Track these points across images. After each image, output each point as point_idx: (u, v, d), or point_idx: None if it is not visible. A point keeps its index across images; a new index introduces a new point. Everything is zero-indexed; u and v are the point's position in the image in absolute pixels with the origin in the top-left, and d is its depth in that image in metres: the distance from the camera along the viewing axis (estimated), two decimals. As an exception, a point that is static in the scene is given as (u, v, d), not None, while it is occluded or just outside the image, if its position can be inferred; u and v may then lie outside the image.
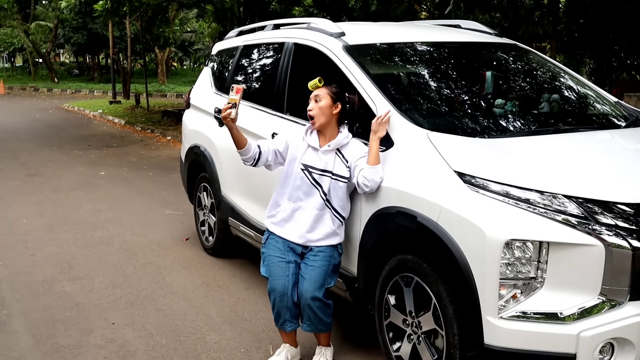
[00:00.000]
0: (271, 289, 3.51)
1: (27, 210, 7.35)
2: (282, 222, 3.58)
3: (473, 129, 3.55)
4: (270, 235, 3.63)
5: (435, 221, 2.96)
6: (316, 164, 3.49)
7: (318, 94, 3.52)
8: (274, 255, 3.55)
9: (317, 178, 3.48)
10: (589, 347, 2.65)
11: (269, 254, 3.57)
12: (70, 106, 21.96)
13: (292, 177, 3.53)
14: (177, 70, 42.75)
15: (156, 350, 3.90)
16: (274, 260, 3.54)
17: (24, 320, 4.34)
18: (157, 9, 18.88)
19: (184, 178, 6.16)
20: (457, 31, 4.83)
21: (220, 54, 5.87)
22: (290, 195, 3.55)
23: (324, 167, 3.48)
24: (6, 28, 35.70)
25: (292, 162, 3.54)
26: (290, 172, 3.55)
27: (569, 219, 2.71)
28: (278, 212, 3.60)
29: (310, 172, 3.49)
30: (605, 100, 4.24)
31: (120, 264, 5.47)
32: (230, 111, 3.35)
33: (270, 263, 3.55)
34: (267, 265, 3.57)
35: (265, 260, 3.60)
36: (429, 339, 3.17)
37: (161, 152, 12.09)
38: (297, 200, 3.53)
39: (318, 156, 3.50)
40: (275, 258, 3.54)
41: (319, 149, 3.50)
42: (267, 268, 3.57)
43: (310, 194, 3.50)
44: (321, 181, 3.48)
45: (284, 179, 3.59)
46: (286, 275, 3.49)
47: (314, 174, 3.48)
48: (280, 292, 3.48)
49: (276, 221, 3.60)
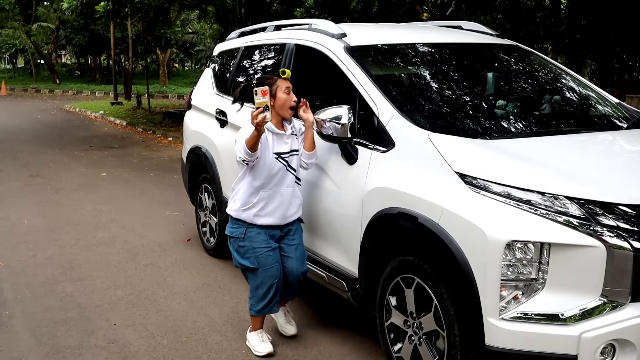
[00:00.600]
0: (268, 277, 3.73)
1: (28, 211, 7.35)
2: (262, 210, 3.72)
3: (474, 130, 3.56)
4: (248, 227, 3.75)
5: (436, 222, 2.96)
6: (284, 149, 3.72)
7: (289, 86, 3.72)
8: (260, 247, 3.73)
9: (288, 160, 3.73)
10: (590, 348, 2.64)
11: (254, 246, 3.73)
12: (71, 107, 21.98)
13: (267, 167, 3.67)
14: (179, 72, 42.75)
15: (157, 351, 3.90)
16: (262, 252, 3.73)
17: (26, 320, 4.34)
18: (159, 10, 18.87)
19: (185, 179, 6.17)
20: (459, 32, 4.84)
21: (222, 55, 5.87)
22: (264, 185, 3.70)
23: (290, 148, 3.74)
24: (8, 29, 35.70)
25: (264, 153, 3.66)
26: (264, 163, 3.66)
27: (571, 220, 2.71)
28: (256, 203, 3.72)
29: (282, 158, 3.71)
30: (607, 102, 4.24)
31: (122, 264, 5.48)
32: (265, 114, 3.35)
33: (259, 255, 3.73)
34: (256, 257, 3.73)
35: (247, 253, 3.75)
36: (430, 340, 3.17)
37: (162, 153, 12.10)
38: (273, 186, 3.71)
39: (283, 141, 3.73)
40: (263, 249, 3.73)
41: (284, 134, 3.73)
42: (256, 260, 3.73)
43: (284, 176, 3.72)
44: (291, 162, 3.74)
45: (256, 171, 3.67)
46: (277, 262, 3.75)
47: (285, 158, 3.72)
48: (277, 277, 3.75)
49: (256, 212, 3.72)
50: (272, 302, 3.79)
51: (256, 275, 3.76)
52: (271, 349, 3.82)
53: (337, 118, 3.52)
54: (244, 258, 3.77)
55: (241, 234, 3.76)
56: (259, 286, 3.77)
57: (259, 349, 3.83)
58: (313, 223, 4.04)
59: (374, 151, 3.49)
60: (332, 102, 4.10)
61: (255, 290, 3.80)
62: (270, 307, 3.82)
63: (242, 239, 3.76)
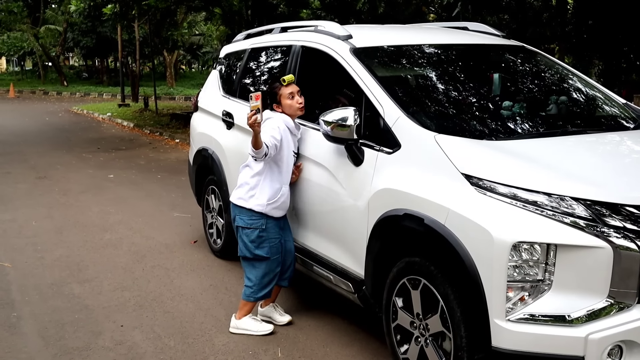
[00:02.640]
0: (277, 265, 4.09)
1: (36, 212, 7.39)
2: (282, 204, 4.07)
3: (480, 131, 3.55)
4: (267, 219, 4.03)
5: (442, 223, 2.96)
6: (295, 147, 4.09)
7: (292, 91, 4.03)
8: (274, 237, 4.07)
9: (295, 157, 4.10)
10: (597, 349, 2.64)
11: (270, 236, 4.05)
12: (79, 109, 22.05)
13: (287, 163, 4.01)
14: (186, 73, 42.87)
15: (164, 352, 3.91)
16: (275, 242, 4.07)
17: (34, 322, 4.36)
18: (166, 12, 18.92)
19: (192, 181, 6.18)
20: (464, 33, 4.84)
21: (228, 57, 5.88)
22: (285, 180, 4.04)
23: (296, 147, 4.11)
24: (16, 32, 35.88)
25: (286, 151, 3.98)
26: (285, 160, 3.99)
27: (577, 221, 2.71)
28: (279, 197, 4.02)
29: (295, 155, 4.09)
30: (614, 102, 4.23)
31: (129, 266, 5.50)
32: (256, 117, 3.62)
33: (273, 245, 4.06)
34: (270, 247, 4.04)
35: (264, 243, 4.04)
36: (436, 342, 3.17)
37: (169, 154, 12.13)
38: (287, 181, 4.07)
39: (295, 140, 4.10)
40: (276, 239, 4.07)
41: (296, 134, 4.10)
42: (270, 249, 4.04)
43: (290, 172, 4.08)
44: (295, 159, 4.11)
45: (281, 166, 3.99)
46: (282, 250, 4.12)
47: (295, 155, 4.09)
48: (280, 263, 4.11)
49: (277, 205, 4.04)
50: (272, 286, 4.14)
51: (266, 264, 4.05)
52: (272, 327, 4.14)
53: (343, 120, 3.52)
54: (259, 248, 4.03)
55: (263, 224, 4.03)
56: (266, 274, 4.06)
57: (262, 328, 4.11)
58: (319, 224, 4.05)
59: (380, 152, 3.50)
60: (338, 104, 4.12)
61: (262, 278, 4.07)
62: (270, 290, 4.15)
63: (264, 229, 4.03)
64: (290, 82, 4.03)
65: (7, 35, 36.55)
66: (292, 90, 4.01)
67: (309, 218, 4.17)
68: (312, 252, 4.16)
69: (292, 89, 4.01)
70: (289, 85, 4.02)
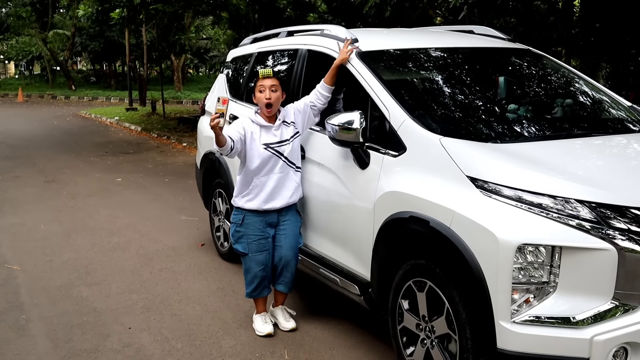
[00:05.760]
0: (253, 263, 4.12)
1: (45, 216, 7.44)
2: (257, 196, 4.07)
3: (486, 134, 3.57)
4: (246, 214, 4.10)
5: (447, 226, 2.97)
6: (272, 139, 4.04)
7: (274, 84, 4.02)
8: (253, 234, 4.10)
9: (278, 149, 4.03)
10: (602, 351, 2.65)
11: (248, 233, 4.10)
12: (87, 113, 22.15)
13: (256, 157, 4.01)
14: (193, 77, 42.91)
15: (172, 354, 3.94)
16: (254, 239, 4.10)
17: (42, 324, 4.40)
18: (173, 16, 18.99)
19: (199, 184, 6.21)
20: (470, 37, 4.85)
21: (235, 61, 5.92)
22: (256, 172, 4.04)
23: (280, 138, 4.05)
24: (25, 36, 36.07)
25: (252, 145, 4.01)
26: (254, 154, 4.02)
27: (582, 224, 2.72)
28: (252, 189, 4.07)
29: (272, 148, 4.02)
30: (620, 105, 4.23)
31: (137, 269, 5.53)
32: (219, 120, 3.69)
33: (250, 241, 4.11)
34: (247, 243, 4.12)
35: (241, 239, 4.13)
36: (442, 344, 3.18)
37: (177, 158, 12.17)
38: (266, 173, 4.04)
39: (272, 133, 4.05)
40: (255, 236, 4.10)
41: (272, 126, 4.05)
42: (247, 245, 4.12)
43: (275, 164, 4.04)
44: (282, 150, 4.04)
45: (249, 161, 4.03)
46: (267, 249, 4.12)
47: (275, 148, 4.02)
48: (263, 264, 4.13)
49: (251, 197, 4.08)
50: (259, 287, 4.19)
51: (245, 261, 4.17)
52: (271, 330, 4.17)
53: (349, 123, 3.54)
54: (238, 243, 4.16)
55: (239, 220, 4.13)
56: (247, 270, 4.18)
57: (260, 329, 4.19)
58: (325, 227, 4.07)
59: (386, 156, 3.51)
60: (345, 107, 4.14)
61: (245, 274, 4.21)
62: (259, 291, 4.22)
63: (240, 224, 4.13)
64: (265, 75, 4.03)
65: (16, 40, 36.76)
66: (264, 84, 4.00)
67: (315, 221, 4.19)
68: (319, 254, 4.18)
69: (263, 83, 4.01)
70: (264, 79, 4.02)
